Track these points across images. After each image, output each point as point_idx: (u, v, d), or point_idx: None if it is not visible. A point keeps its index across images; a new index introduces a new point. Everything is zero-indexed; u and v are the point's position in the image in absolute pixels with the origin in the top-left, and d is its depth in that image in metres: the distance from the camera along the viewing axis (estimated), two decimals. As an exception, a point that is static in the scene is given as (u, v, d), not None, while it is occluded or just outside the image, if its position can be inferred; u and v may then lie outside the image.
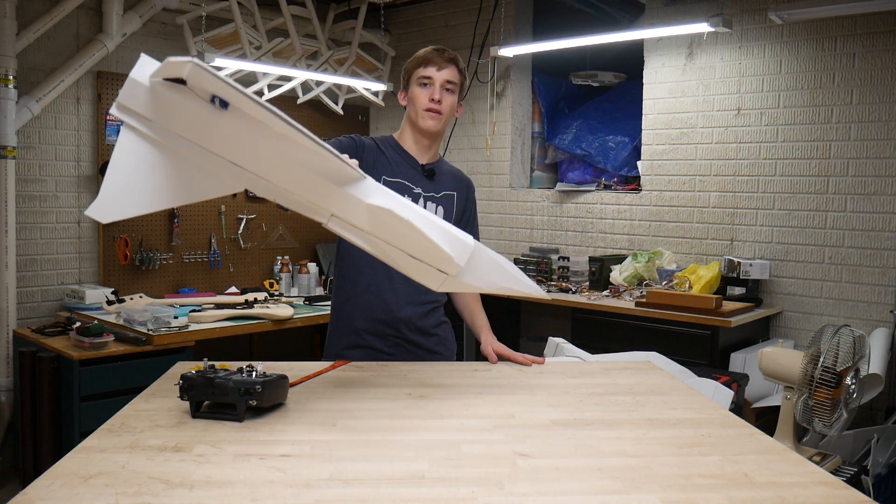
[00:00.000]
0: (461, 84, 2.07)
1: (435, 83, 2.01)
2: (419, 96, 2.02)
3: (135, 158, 1.36)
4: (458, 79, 2.04)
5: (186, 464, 1.18)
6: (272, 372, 1.46)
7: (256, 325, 3.69)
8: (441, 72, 2.01)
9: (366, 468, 1.18)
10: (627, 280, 4.07)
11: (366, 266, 1.99)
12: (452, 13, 5.09)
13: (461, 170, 2.25)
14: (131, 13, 3.97)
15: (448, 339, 2.14)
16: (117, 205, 1.34)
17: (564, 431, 1.38)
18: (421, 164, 2.08)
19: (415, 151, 2.09)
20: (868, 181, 3.63)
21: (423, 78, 2.01)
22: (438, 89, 2.01)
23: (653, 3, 4.26)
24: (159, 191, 1.37)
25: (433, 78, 2.01)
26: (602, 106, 4.88)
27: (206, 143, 1.36)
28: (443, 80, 2.01)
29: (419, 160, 2.08)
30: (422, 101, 2.01)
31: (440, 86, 2.01)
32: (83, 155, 4.00)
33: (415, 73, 2.03)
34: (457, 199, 2.12)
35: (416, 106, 2.02)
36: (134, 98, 1.35)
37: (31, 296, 3.82)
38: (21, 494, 1.05)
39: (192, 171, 1.38)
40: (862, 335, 2.61)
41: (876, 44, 3.59)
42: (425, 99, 2.01)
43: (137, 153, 1.36)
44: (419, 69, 2.02)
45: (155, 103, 1.35)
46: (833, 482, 1.15)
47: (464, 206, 2.14)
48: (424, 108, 2.01)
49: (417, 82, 2.02)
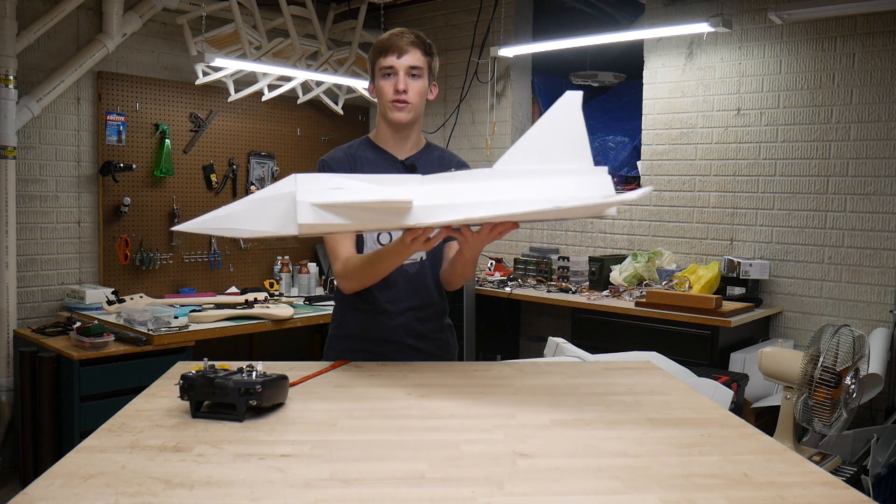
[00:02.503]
0: (429, 65, 1.94)
1: (398, 71, 1.89)
2: (384, 88, 1.91)
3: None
4: (423, 61, 1.91)
5: (186, 464, 1.18)
6: (272, 372, 1.46)
7: (256, 325, 3.69)
8: (403, 58, 1.88)
9: (366, 468, 1.18)
10: (627, 280, 4.07)
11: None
12: (452, 13, 5.10)
13: (454, 153, 2.13)
14: (131, 13, 3.97)
15: (449, 342, 2.11)
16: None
17: (564, 431, 1.38)
18: (401, 161, 1.99)
19: (393, 147, 2.00)
20: (868, 181, 3.64)
21: (384, 68, 1.90)
22: (403, 78, 1.89)
23: (653, 3, 4.26)
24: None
25: (395, 66, 1.89)
26: (602, 106, 4.88)
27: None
28: (406, 66, 1.89)
29: (398, 156, 1.99)
30: (387, 94, 1.90)
31: (404, 73, 1.89)
32: (83, 155, 4.00)
33: (377, 63, 1.92)
34: None
35: (383, 99, 1.92)
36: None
37: (31, 296, 3.83)
38: (21, 494, 1.05)
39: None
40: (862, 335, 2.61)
41: (876, 44, 3.59)
42: (390, 90, 1.90)
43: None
44: (380, 59, 1.90)
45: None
46: (833, 482, 1.15)
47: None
48: (390, 100, 1.90)
49: (380, 73, 1.91)
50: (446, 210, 1.53)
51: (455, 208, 1.53)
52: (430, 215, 1.53)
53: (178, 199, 4.35)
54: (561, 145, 1.61)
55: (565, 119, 1.62)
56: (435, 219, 1.54)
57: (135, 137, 4.16)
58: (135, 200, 4.15)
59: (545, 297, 4.11)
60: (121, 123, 4.09)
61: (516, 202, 1.53)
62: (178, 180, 4.36)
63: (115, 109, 4.07)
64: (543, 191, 1.56)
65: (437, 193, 1.54)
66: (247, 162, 4.71)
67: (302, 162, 4.97)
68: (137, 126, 4.18)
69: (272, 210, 1.46)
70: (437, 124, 5.22)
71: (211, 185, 4.52)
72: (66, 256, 3.96)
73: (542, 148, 1.60)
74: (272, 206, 1.46)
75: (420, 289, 2.00)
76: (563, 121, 1.62)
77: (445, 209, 1.53)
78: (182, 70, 4.36)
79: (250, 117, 4.71)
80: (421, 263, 1.99)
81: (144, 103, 4.20)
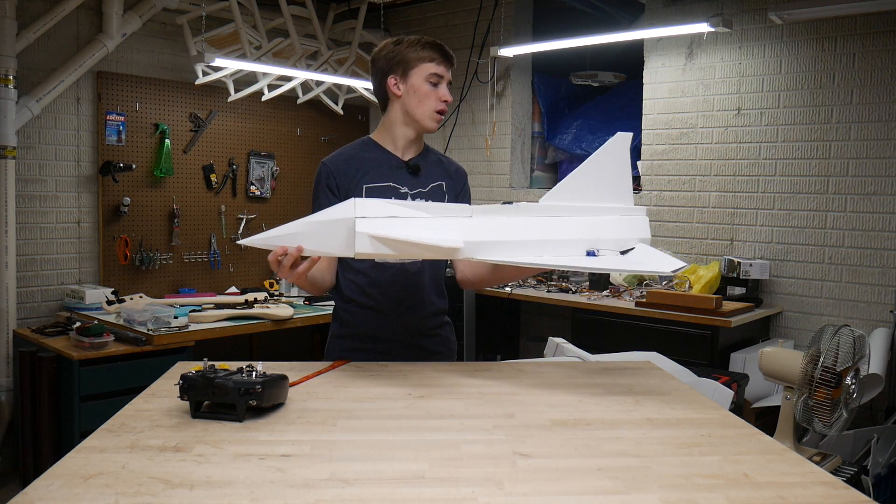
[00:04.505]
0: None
1: (443, 81, 1.92)
2: (430, 96, 1.91)
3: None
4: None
5: (186, 464, 1.18)
6: (272, 372, 1.45)
7: (256, 325, 3.69)
8: (449, 70, 1.94)
9: (366, 468, 1.18)
10: (627, 280, 4.07)
11: (369, 269, 1.98)
12: (452, 13, 5.09)
13: (451, 159, 2.16)
14: (131, 13, 3.97)
15: (449, 338, 2.13)
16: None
17: (564, 431, 1.38)
18: (404, 162, 1.99)
19: (399, 148, 2.00)
20: (868, 181, 3.64)
21: (433, 75, 1.91)
22: (446, 89, 1.92)
23: (653, 3, 4.26)
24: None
25: (445, 77, 1.91)
26: (602, 106, 4.88)
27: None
28: (449, 78, 1.94)
29: (402, 157, 2.00)
30: (432, 102, 1.91)
31: (446, 85, 1.93)
32: (83, 155, 4.00)
33: (421, 66, 1.91)
34: (447, 188, 2.04)
35: (425, 105, 1.91)
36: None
37: (31, 296, 3.83)
38: (21, 494, 1.05)
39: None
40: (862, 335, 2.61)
41: (876, 44, 3.59)
42: (436, 100, 1.91)
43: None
44: (429, 64, 1.90)
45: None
46: (833, 482, 1.15)
47: (456, 195, 2.06)
48: (436, 109, 1.92)
49: (427, 78, 1.90)
50: (492, 248, 1.63)
51: (501, 246, 1.63)
52: (477, 252, 1.62)
53: (177, 199, 4.35)
54: (607, 183, 1.73)
55: (614, 157, 1.73)
56: (481, 256, 1.62)
57: (134, 137, 4.16)
58: (134, 200, 4.15)
59: (545, 296, 4.11)
60: (120, 123, 4.09)
61: (558, 243, 1.65)
62: (177, 180, 4.36)
63: (115, 109, 4.07)
64: (583, 231, 1.67)
65: (485, 228, 1.63)
66: (247, 162, 4.71)
67: (302, 162, 4.97)
68: (137, 126, 4.18)
69: (333, 233, 1.57)
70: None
71: (211, 185, 4.52)
72: (65, 256, 3.95)
73: (589, 184, 1.72)
74: (332, 229, 1.57)
75: (420, 288, 2.01)
76: (612, 159, 1.73)
77: (492, 246, 1.62)
78: (182, 70, 4.35)
79: (250, 117, 4.71)
80: (422, 262, 2.00)
81: (144, 103, 4.20)
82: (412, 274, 1.99)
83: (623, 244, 1.69)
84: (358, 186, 1.95)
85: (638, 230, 1.73)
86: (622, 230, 1.70)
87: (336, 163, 1.98)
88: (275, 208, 4.86)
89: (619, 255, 1.67)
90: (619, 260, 1.67)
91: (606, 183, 1.72)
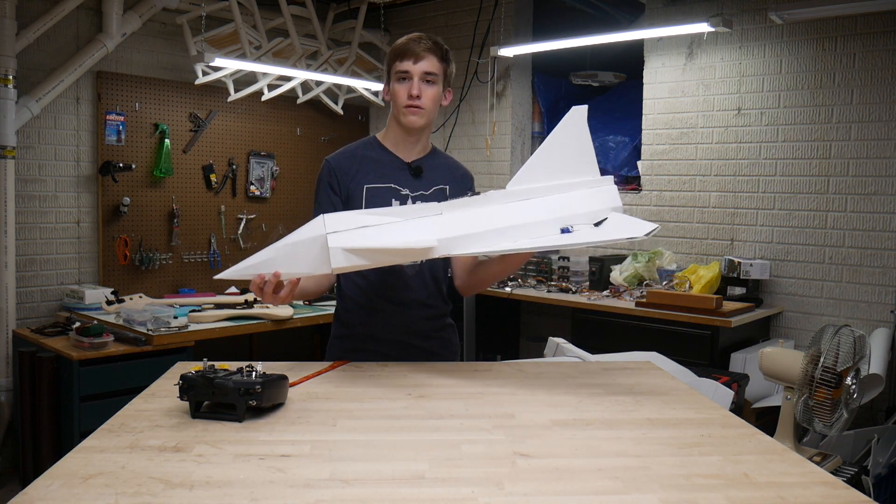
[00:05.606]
0: (444, 72, 1.95)
1: (413, 77, 1.89)
2: (398, 92, 1.91)
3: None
4: (439, 68, 1.92)
5: (186, 464, 1.18)
6: (272, 372, 1.45)
7: (256, 325, 3.68)
8: (419, 64, 1.89)
9: (366, 468, 1.18)
10: (627, 280, 4.07)
11: (368, 270, 1.97)
12: (452, 13, 5.09)
13: (460, 163, 2.15)
14: (131, 13, 3.97)
15: (451, 340, 2.11)
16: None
17: (564, 431, 1.37)
18: (407, 163, 1.99)
19: (400, 149, 2.00)
20: (868, 181, 3.63)
21: (400, 73, 1.90)
22: (417, 83, 1.89)
23: (653, 3, 4.26)
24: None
25: (410, 71, 1.89)
26: (602, 106, 4.88)
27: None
28: (421, 72, 1.89)
29: (405, 158, 1.99)
30: (401, 98, 1.91)
31: (419, 79, 1.89)
32: (83, 155, 4.00)
33: (392, 67, 1.92)
34: (450, 192, 2.02)
35: (397, 103, 1.92)
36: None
37: (30, 296, 3.82)
38: (21, 494, 1.05)
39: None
40: (862, 335, 2.61)
41: (876, 44, 3.59)
42: (404, 95, 1.90)
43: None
44: (396, 63, 1.91)
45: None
46: (833, 482, 1.15)
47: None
48: (404, 104, 1.91)
49: (396, 77, 1.91)
50: (467, 241, 1.63)
51: (475, 238, 1.63)
52: (453, 248, 1.62)
53: (177, 199, 4.35)
54: (570, 159, 1.72)
55: (573, 133, 1.74)
56: (457, 251, 1.62)
57: (134, 137, 4.16)
58: (134, 200, 4.15)
59: (545, 297, 4.11)
60: (120, 123, 4.08)
61: (532, 225, 1.65)
62: (177, 180, 4.36)
63: (115, 109, 4.07)
64: (554, 210, 1.67)
65: (456, 223, 1.63)
66: (246, 162, 4.71)
67: (302, 162, 4.97)
68: (137, 126, 4.17)
69: (306, 254, 1.58)
70: (437, 124, 5.22)
71: (210, 185, 4.52)
72: (65, 256, 3.95)
73: (553, 163, 1.72)
74: (305, 249, 1.57)
75: (420, 288, 2.00)
76: (571, 135, 1.74)
77: (466, 240, 1.62)
78: (182, 70, 4.35)
79: (250, 117, 4.71)
80: (420, 263, 1.99)
81: (144, 103, 4.20)
82: (411, 276, 1.98)
83: (595, 216, 1.69)
84: (359, 187, 1.94)
85: (608, 200, 1.72)
86: (593, 202, 1.70)
87: (339, 161, 1.99)
88: (274, 208, 4.86)
89: (593, 227, 1.67)
90: (594, 231, 1.66)
91: (569, 158, 1.72)
